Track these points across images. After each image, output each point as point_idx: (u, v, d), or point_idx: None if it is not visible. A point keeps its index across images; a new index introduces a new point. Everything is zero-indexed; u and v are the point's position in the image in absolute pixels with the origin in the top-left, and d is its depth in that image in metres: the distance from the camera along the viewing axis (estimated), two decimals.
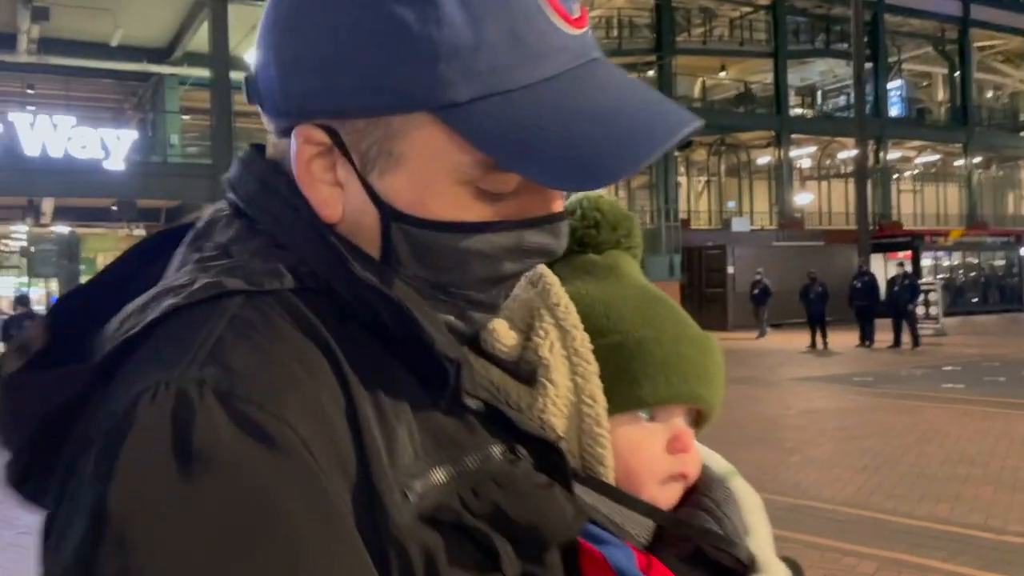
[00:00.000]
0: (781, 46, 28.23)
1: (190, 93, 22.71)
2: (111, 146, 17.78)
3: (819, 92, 33.64)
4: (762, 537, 0.76)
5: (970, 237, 28.62)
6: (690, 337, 0.76)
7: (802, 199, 29.70)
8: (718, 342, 0.79)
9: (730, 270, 23.86)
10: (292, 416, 0.51)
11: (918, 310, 18.25)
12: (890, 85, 31.49)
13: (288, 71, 0.59)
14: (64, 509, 0.51)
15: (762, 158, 30.66)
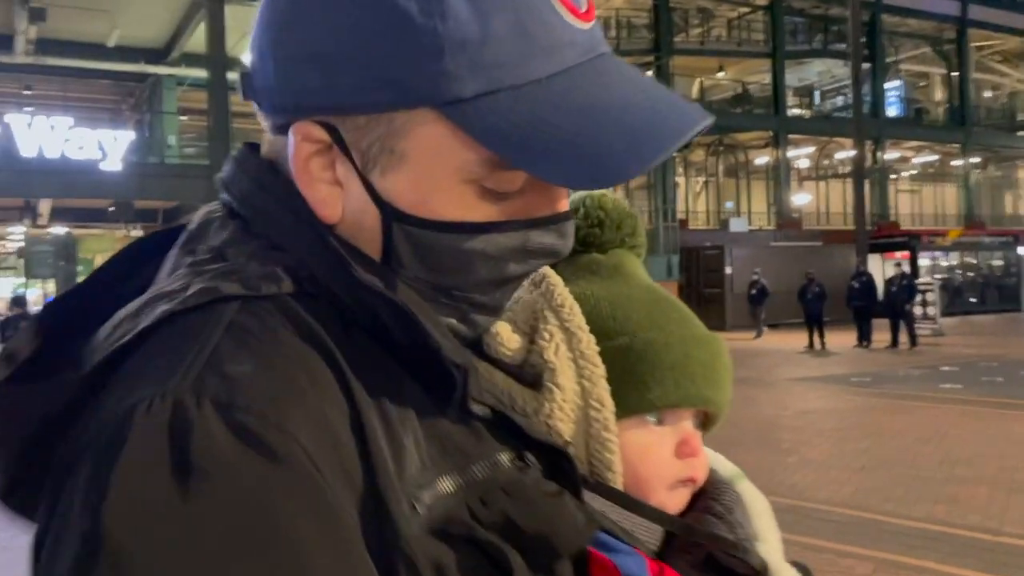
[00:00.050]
0: (779, 46, 28.24)
1: (187, 94, 22.68)
2: (108, 147, 17.77)
3: (817, 92, 33.65)
4: (772, 542, 0.75)
5: (968, 237, 28.64)
6: (699, 338, 0.75)
7: (800, 199, 29.72)
8: (725, 343, 0.77)
9: (728, 270, 23.85)
10: (295, 427, 0.48)
11: (916, 310, 18.26)
12: (888, 85, 31.50)
13: (286, 65, 0.57)
14: (55, 526, 0.48)
15: (760, 158, 30.67)
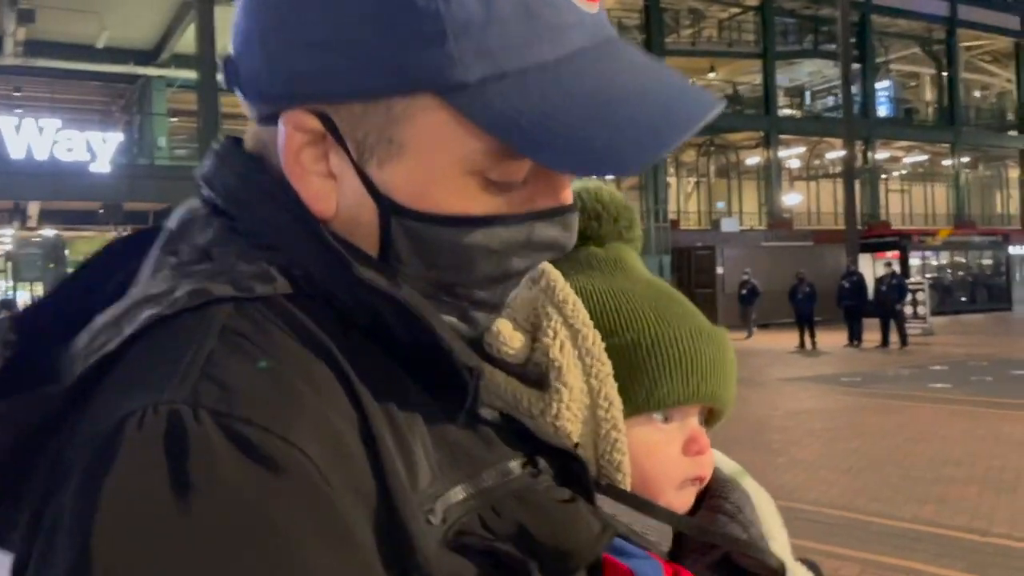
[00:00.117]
0: (769, 47, 28.32)
1: (178, 95, 22.61)
2: (97, 149, 17.74)
3: (808, 93, 33.75)
4: (781, 541, 0.73)
5: (958, 237, 28.75)
6: (706, 332, 0.73)
7: (791, 199, 29.79)
8: (729, 336, 0.76)
9: (719, 270, 23.90)
10: (301, 438, 0.45)
11: (906, 310, 18.31)
12: (878, 85, 31.63)
13: (275, 49, 0.54)
14: (39, 552, 0.45)
15: (751, 159, 30.75)
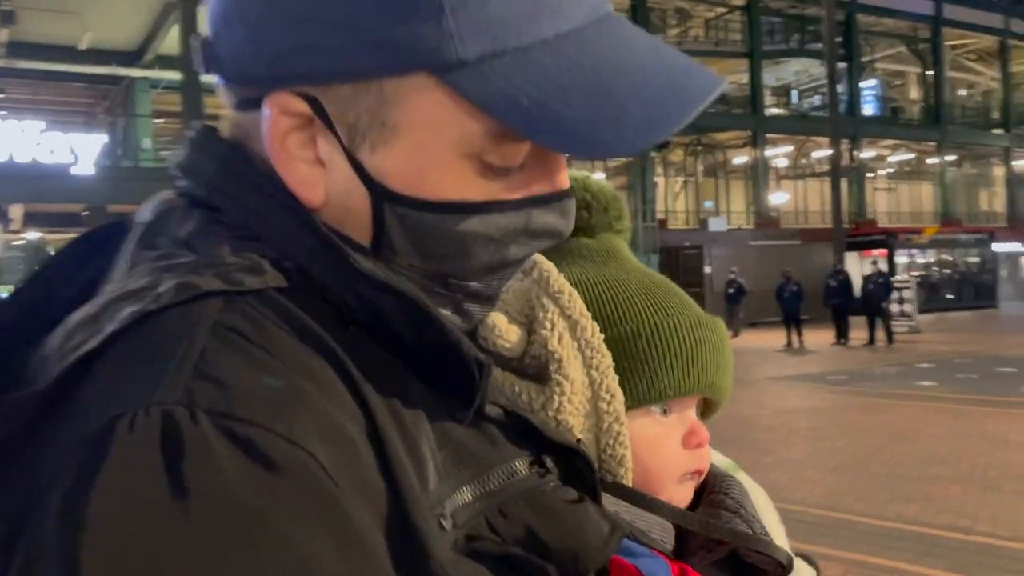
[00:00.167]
0: (756, 46, 28.38)
1: (163, 96, 22.50)
2: (80, 151, 17.62)
3: (795, 92, 33.86)
4: (780, 535, 0.71)
5: (944, 234, 28.91)
6: (704, 321, 0.71)
7: (778, 198, 29.88)
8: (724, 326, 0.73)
9: (707, 269, 23.95)
10: (307, 439, 0.41)
11: (892, 307, 18.38)
12: (865, 84, 31.76)
13: (259, 27, 0.50)
14: (18, 567, 0.40)
15: (739, 158, 30.83)
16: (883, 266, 20.15)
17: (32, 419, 0.44)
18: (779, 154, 31.49)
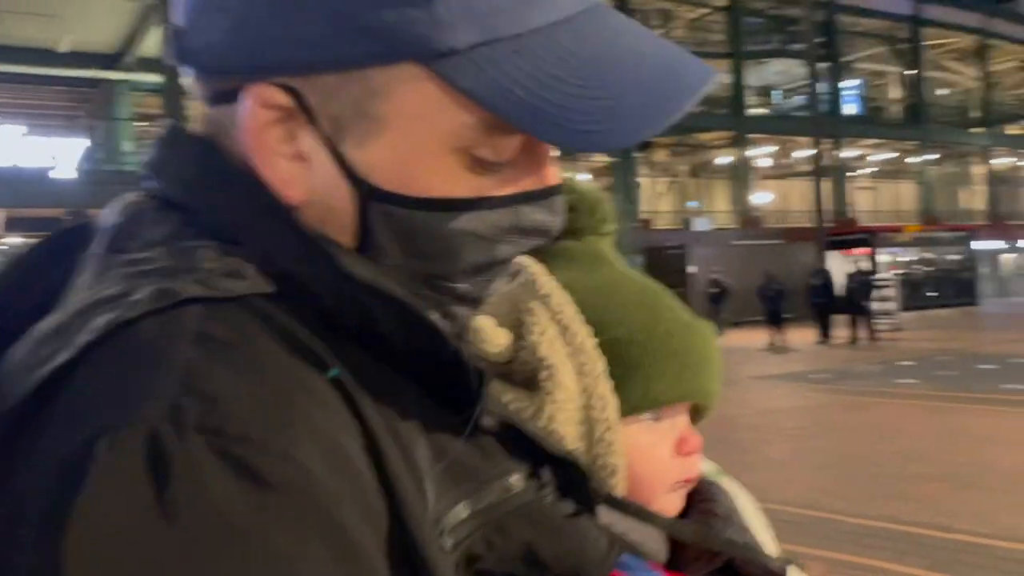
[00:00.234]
0: (738, 47, 28.48)
1: (144, 99, 22.35)
2: (61, 155, 17.46)
3: (776, 92, 34.02)
4: (768, 542, 0.71)
5: (925, 233, 29.11)
6: (694, 326, 0.70)
7: (761, 198, 30.00)
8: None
9: (691, 269, 24.02)
10: (304, 455, 0.39)
11: (874, 306, 18.50)
12: (846, 84, 31.93)
13: (237, 15, 0.48)
14: None
15: (722, 158, 30.94)
16: (865, 264, 20.27)
17: (1, 439, 0.42)
18: (762, 154, 31.63)
